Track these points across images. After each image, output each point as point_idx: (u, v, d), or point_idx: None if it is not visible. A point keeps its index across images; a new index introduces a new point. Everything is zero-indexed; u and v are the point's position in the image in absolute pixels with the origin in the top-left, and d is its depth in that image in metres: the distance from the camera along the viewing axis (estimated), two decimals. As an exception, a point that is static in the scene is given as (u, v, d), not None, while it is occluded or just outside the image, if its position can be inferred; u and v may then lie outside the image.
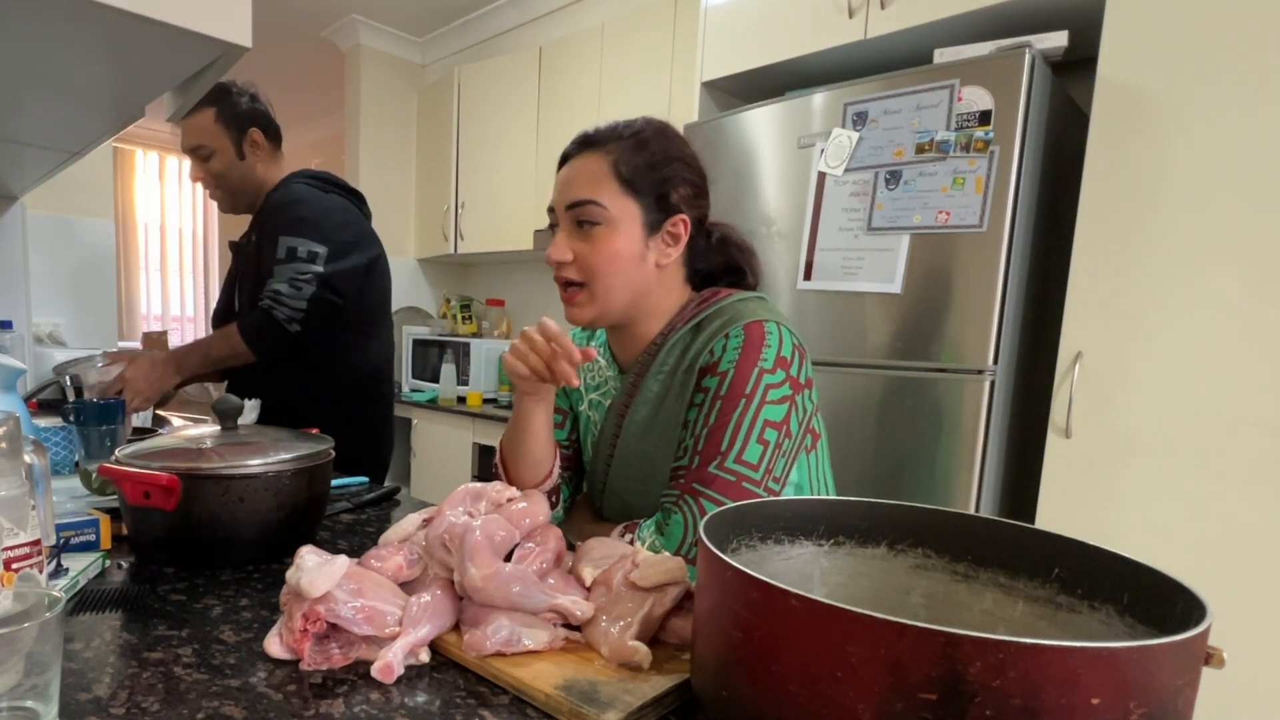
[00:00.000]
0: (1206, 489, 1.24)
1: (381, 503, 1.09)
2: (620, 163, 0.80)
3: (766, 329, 0.78)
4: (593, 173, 0.80)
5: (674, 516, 0.75)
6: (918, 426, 1.45)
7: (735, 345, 0.78)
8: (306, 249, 1.46)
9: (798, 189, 1.63)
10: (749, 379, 0.76)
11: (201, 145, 1.51)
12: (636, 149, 0.81)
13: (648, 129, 0.82)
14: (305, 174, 1.60)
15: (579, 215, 0.80)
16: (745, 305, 0.83)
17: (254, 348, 1.44)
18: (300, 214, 1.49)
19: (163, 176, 5.34)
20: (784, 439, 0.77)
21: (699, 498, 0.75)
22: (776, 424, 0.76)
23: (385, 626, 0.56)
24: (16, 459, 0.56)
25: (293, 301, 1.43)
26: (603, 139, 0.82)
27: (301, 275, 1.44)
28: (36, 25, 0.70)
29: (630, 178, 0.80)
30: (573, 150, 0.84)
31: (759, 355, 0.77)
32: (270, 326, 1.43)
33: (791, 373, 0.78)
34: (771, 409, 0.76)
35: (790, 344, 0.79)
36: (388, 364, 1.71)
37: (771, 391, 0.76)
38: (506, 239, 3.13)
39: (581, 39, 2.77)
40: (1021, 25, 1.53)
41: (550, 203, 0.84)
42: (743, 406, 0.76)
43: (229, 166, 1.53)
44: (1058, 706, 0.34)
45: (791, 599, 0.39)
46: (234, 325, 1.45)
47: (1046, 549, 0.53)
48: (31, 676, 0.42)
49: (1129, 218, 1.31)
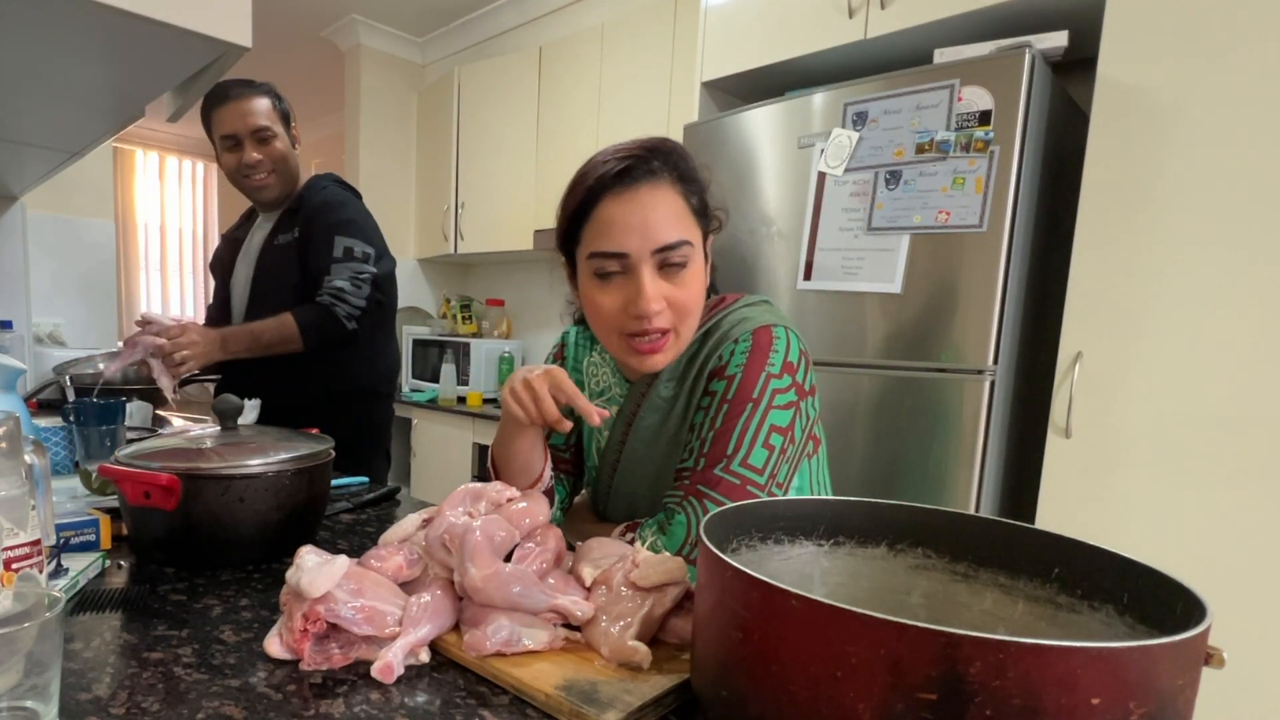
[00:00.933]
0: (1206, 489, 1.24)
1: (381, 503, 1.09)
2: (689, 194, 0.76)
3: (775, 334, 0.78)
4: (673, 209, 0.75)
5: (677, 517, 0.75)
6: (918, 426, 1.45)
7: (744, 350, 0.78)
8: (361, 249, 1.51)
9: (798, 189, 1.63)
10: (756, 383, 0.76)
11: (267, 127, 1.52)
12: (687, 176, 0.77)
13: (679, 149, 0.78)
14: (331, 177, 1.66)
15: (670, 258, 0.74)
16: (754, 311, 0.83)
17: (307, 339, 1.46)
18: (349, 215, 1.54)
19: (163, 176, 5.34)
20: (788, 444, 0.77)
21: (703, 499, 0.74)
22: (782, 429, 0.76)
23: (385, 626, 0.56)
24: (16, 459, 0.56)
25: (354, 299, 1.48)
26: (659, 168, 0.75)
27: (360, 275, 1.50)
28: (36, 25, 0.70)
29: (698, 209, 0.78)
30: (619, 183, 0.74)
31: (766, 360, 0.77)
32: (331, 322, 1.46)
33: (797, 379, 0.78)
34: (777, 414, 0.76)
35: (798, 349, 0.79)
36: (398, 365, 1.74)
37: (778, 397, 0.76)
38: (506, 239, 3.13)
39: (581, 39, 2.77)
40: (1021, 25, 1.53)
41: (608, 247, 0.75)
42: (749, 411, 0.75)
43: (287, 151, 1.57)
44: (1058, 706, 0.34)
45: (791, 599, 0.39)
46: (288, 315, 1.46)
47: (1046, 549, 0.53)
48: (31, 676, 0.42)
49: (1129, 218, 1.31)
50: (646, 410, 0.85)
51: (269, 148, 1.53)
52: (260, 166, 1.54)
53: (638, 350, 0.78)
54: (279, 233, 1.58)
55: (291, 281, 1.53)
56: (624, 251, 0.74)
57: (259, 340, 1.44)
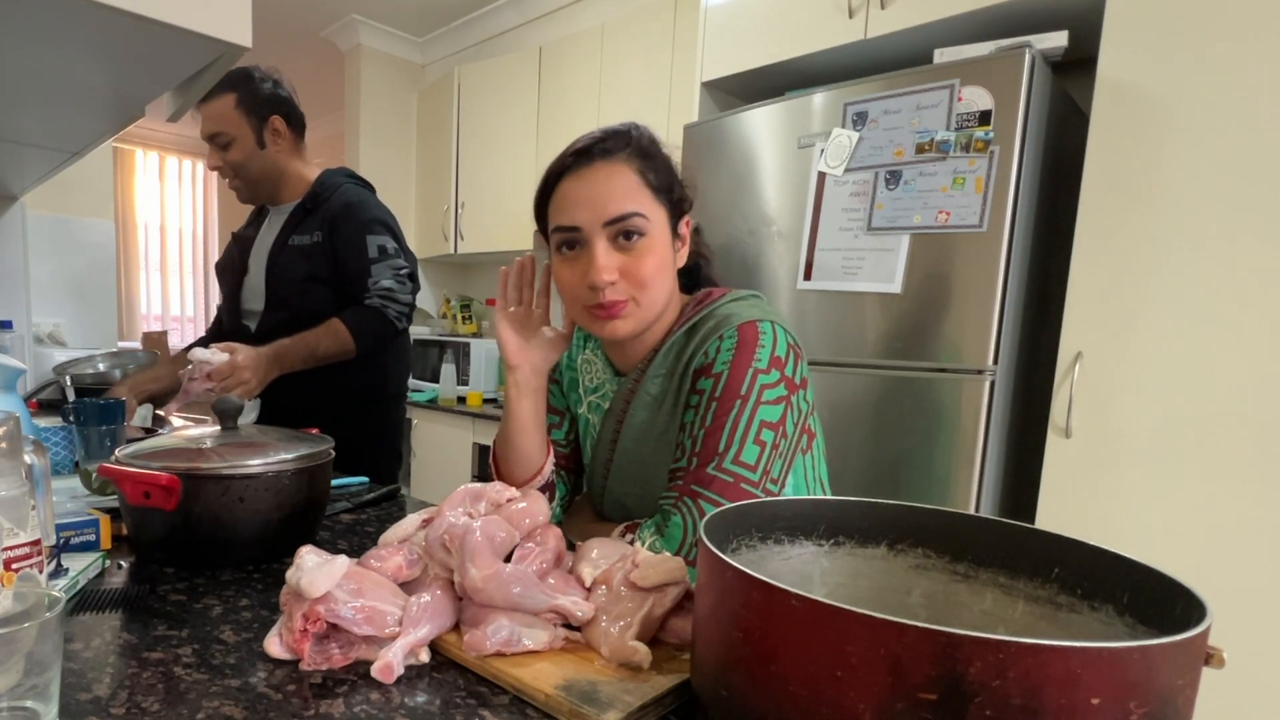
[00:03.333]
0: (1206, 488, 1.24)
1: (381, 503, 1.09)
2: (646, 170, 0.79)
3: (760, 329, 0.78)
4: (626, 184, 0.77)
5: (673, 518, 0.75)
6: (918, 426, 1.45)
7: (729, 346, 0.78)
8: (393, 247, 1.49)
9: (798, 189, 1.63)
10: (743, 380, 0.76)
11: (221, 132, 1.45)
12: (650, 154, 0.80)
13: (644, 132, 0.82)
14: (344, 172, 1.60)
15: (623, 228, 0.77)
16: (740, 305, 0.83)
17: (361, 343, 1.43)
18: (375, 215, 1.50)
19: (163, 176, 5.33)
20: (780, 439, 0.77)
21: (698, 499, 0.75)
22: (773, 425, 0.76)
23: (385, 626, 0.56)
24: (16, 459, 0.56)
25: (402, 297, 1.47)
26: (615, 148, 0.79)
27: (400, 271, 1.48)
28: (36, 25, 0.70)
29: (658, 184, 0.80)
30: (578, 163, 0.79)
31: (753, 356, 0.77)
32: (383, 325, 1.45)
33: (786, 372, 0.78)
34: (767, 409, 0.76)
35: (785, 343, 0.79)
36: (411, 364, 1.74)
37: (766, 392, 0.76)
38: (506, 239, 3.13)
39: (581, 39, 2.77)
40: (1021, 25, 1.53)
41: (563, 221, 0.79)
42: (738, 408, 0.76)
43: (249, 156, 1.48)
44: (1058, 706, 0.34)
45: (791, 599, 0.39)
46: (337, 321, 1.42)
47: (1046, 549, 0.53)
48: (31, 676, 0.42)
49: (1129, 218, 1.31)
50: (636, 407, 0.86)
51: (225, 154, 1.47)
52: (222, 172, 1.49)
53: (597, 317, 0.80)
54: (293, 231, 1.52)
55: (308, 282, 1.49)
56: (575, 225, 0.78)
57: (315, 352, 1.39)
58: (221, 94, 1.44)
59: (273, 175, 1.53)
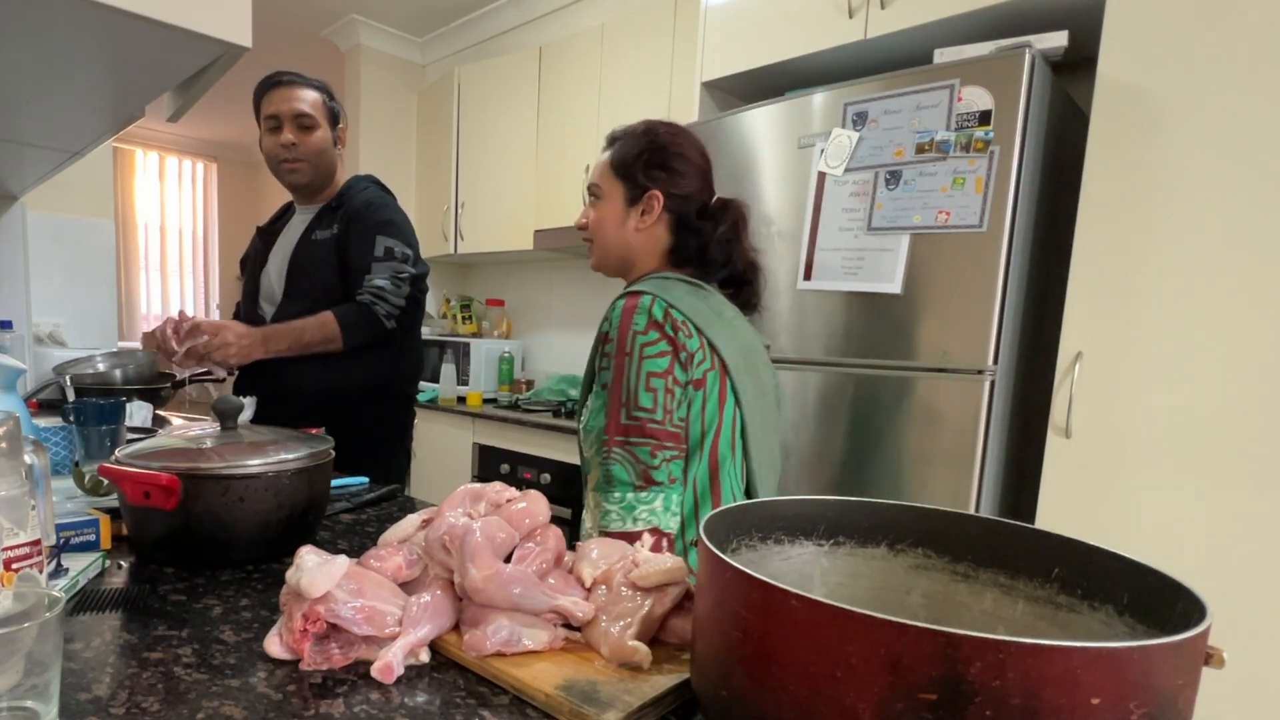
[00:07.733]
0: (1206, 489, 1.24)
1: (381, 503, 1.09)
2: (614, 155, 1.04)
3: (640, 302, 0.93)
4: (600, 164, 1.06)
5: (613, 467, 0.89)
6: (917, 427, 1.45)
7: (617, 316, 0.93)
8: (401, 250, 1.53)
9: (798, 189, 1.63)
10: (627, 341, 0.91)
11: (309, 114, 1.54)
12: (625, 144, 1.04)
13: (638, 128, 1.05)
14: (370, 178, 1.69)
15: (591, 192, 1.06)
16: (642, 284, 0.97)
17: (348, 338, 1.47)
18: (390, 216, 1.56)
19: (163, 176, 5.33)
20: (673, 385, 0.90)
21: (622, 446, 0.89)
22: (660, 374, 0.90)
23: (385, 626, 0.56)
24: (16, 459, 0.56)
25: (394, 298, 1.50)
26: (610, 139, 1.06)
27: (399, 274, 1.52)
28: (36, 25, 0.70)
29: (617, 165, 1.04)
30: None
31: (632, 322, 0.92)
32: (370, 321, 1.48)
33: (667, 331, 0.91)
34: (652, 362, 0.90)
35: (662, 310, 0.92)
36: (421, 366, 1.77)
37: (648, 349, 0.90)
38: (506, 239, 3.13)
39: (581, 39, 2.77)
40: (1021, 25, 1.53)
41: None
42: (627, 365, 0.91)
43: (325, 146, 1.58)
44: (1058, 706, 0.34)
45: (791, 599, 0.39)
46: (329, 313, 1.46)
47: (1046, 549, 0.53)
48: (31, 676, 0.42)
49: (1129, 218, 1.31)
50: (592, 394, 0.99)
51: (307, 135, 1.55)
52: (293, 150, 1.55)
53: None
54: (317, 228, 1.59)
55: (326, 276, 1.54)
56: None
57: (300, 339, 1.44)
58: (308, 86, 1.56)
59: (329, 172, 1.62)
